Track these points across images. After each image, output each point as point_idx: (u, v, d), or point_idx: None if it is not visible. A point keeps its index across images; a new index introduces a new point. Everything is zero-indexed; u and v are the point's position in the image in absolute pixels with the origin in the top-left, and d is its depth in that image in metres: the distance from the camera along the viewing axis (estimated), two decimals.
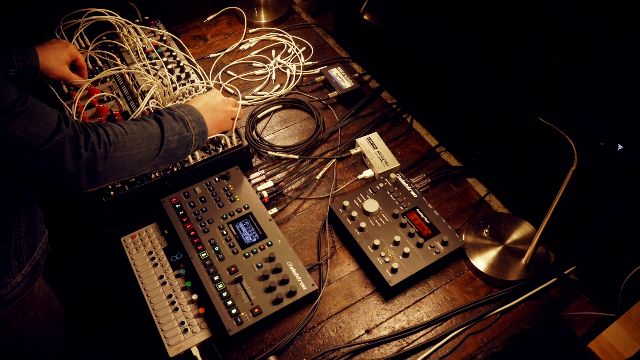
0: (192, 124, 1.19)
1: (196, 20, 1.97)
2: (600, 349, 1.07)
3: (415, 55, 1.88)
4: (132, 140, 1.06)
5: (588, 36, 1.20)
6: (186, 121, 1.18)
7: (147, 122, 1.12)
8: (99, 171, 1.00)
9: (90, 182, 1.00)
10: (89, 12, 1.60)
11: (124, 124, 1.08)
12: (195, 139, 1.20)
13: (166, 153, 1.13)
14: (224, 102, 1.33)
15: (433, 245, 1.26)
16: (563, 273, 1.25)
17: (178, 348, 1.12)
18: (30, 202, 1.14)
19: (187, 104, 1.25)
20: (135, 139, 1.07)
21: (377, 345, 1.16)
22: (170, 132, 1.13)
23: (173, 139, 1.14)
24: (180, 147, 1.17)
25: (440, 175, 1.47)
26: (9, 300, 1.12)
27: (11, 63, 1.27)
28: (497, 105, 1.60)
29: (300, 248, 1.33)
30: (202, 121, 1.22)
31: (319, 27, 1.97)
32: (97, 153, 0.98)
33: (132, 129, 1.08)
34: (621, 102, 0.88)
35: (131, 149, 1.06)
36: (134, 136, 1.07)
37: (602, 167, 0.98)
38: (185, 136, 1.17)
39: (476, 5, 1.48)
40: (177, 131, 1.15)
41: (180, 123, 1.16)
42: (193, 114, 1.21)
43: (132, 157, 1.06)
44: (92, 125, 1.02)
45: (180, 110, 1.20)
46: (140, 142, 1.08)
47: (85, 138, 0.97)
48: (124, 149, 1.04)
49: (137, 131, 1.08)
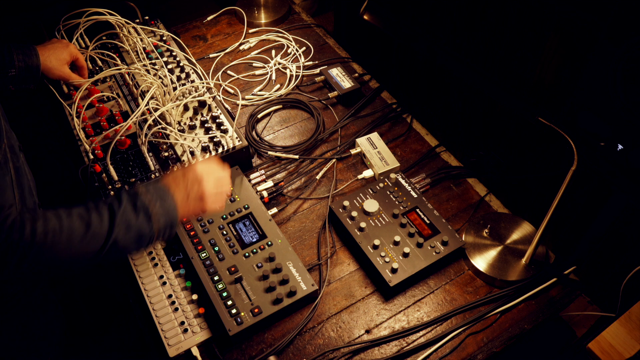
0: (156, 216, 0.98)
1: (196, 20, 1.97)
2: (600, 349, 1.07)
3: (415, 55, 1.88)
4: (66, 241, 0.89)
5: (588, 36, 1.20)
6: (150, 213, 0.97)
7: (96, 217, 0.93)
8: (5, 271, 0.86)
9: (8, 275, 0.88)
10: (89, 12, 1.61)
11: (65, 218, 0.90)
12: (157, 234, 0.99)
13: (113, 249, 0.94)
14: (209, 182, 1.08)
15: (433, 245, 1.26)
16: (563, 273, 1.25)
17: (178, 348, 1.12)
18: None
19: (163, 187, 1.02)
20: (72, 238, 0.89)
21: (377, 345, 1.16)
22: (123, 228, 0.94)
23: (126, 236, 0.94)
24: (135, 242, 0.97)
25: (440, 175, 1.47)
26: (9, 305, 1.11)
27: (12, 63, 1.27)
28: (497, 105, 1.60)
29: (300, 248, 1.33)
30: (171, 210, 1.00)
31: (319, 27, 1.97)
32: (10, 255, 0.84)
33: (70, 226, 0.90)
34: (621, 102, 0.89)
35: (61, 251, 0.89)
36: (70, 235, 0.89)
37: (602, 167, 0.98)
38: (144, 232, 0.97)
39: (476, 5, 1.48)
40: (134, 226, 0.95)
41: (141, 216, 0.96)
42: (164, 201, 1.00)
43: (62, 259, 0.91)
44: (22, 223, 0.86)
45: (148, 196, 0.99)
46: (76, 243, 0.90)
47: (7, 235, 0.84)
48: (51, 252, 0.88)
49: (76, 229, 0.90)
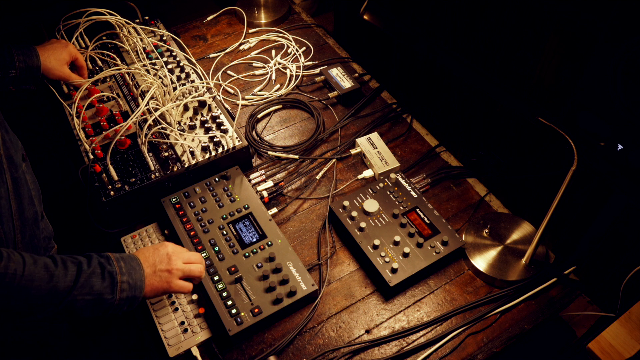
0: (122, 285, 0.97)
1: (196, 20, 1.97)
2: (600, 349, 1.07)
3: (415, 55, 1.88)
4: (24, 288, 0.85)
5: (588, 36, 1.20)
6: (115, 281, 0.96)
7: (61, 270, 0.91)
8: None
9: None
10: (89, 12, 1.60)
11: (30, 265, 0.87)
12: (117, 304, 0.97)
13: (66, 310, 0.91)
14: (177, 262, 1.09)
15: (433, 245, 1.26)
16: (563, 273, 1.25)
17: (178, 348, 1.12)
18: (30, 226, 1.09)
19: (135, 257, 1.04)
20: (29, 287, 0.86)
21: (377, 345, 1.16)
22: (84, 291, 0.92)
23: (84, 299, 0.92)
24: (90, 308, 0.94)
25: (440, 175, 1.47)
26: None
27: (12, 63, 1.27)
28: (497, 105, 1.60)
29: (300, 248, 1.33)
30: (138, 285, 1.01)
31: (319, 27, 1.97)
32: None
33: (32, 274, 0.86)
34: (621, 102, 0.89)
35: (12, 296, 0.85)
36: (28, 283, 0.86)
37: (602, 167, 0.98)
38: (104, 300, 0.95)
39: (476, 5, 1.48)
40: (95, 291, 0.93)
41: (107, 282, 0.95)
42: (133, 274, 1.00)
43: (8, 305, 0.86)
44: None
45: (119, 266, 0.98)
46: (33, 292, 0.86)
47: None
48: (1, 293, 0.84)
49: (38, 279, 0.87)
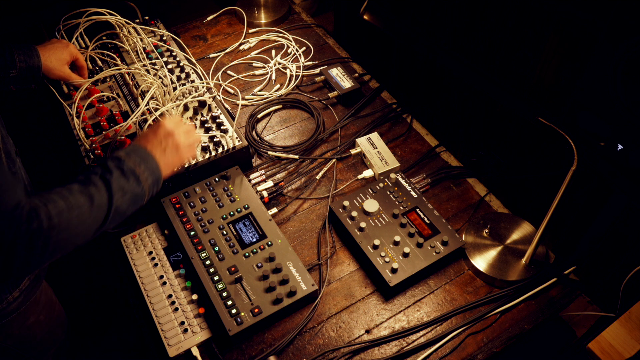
0: (144, 175, 1.05)
1: (196, 20, 1.97)
2: (600, 349, 1.07)
3: (415, 55, 1.88)
4: (77, 217, 0.93)
5: (588, 36, 1.20)
6: (137, 175, 1.04)
7: (94, 189, 0.98)
8: (32, 260, 0.89)
9: (23, 269, 0.91)
10: (89, 12, 1.60)
11: (69, 196, 0.94)
12: (148, 192, 1.07)
13: (116, 215, 1.01)
14: (180, 135, 1.18)
15: (433, 245, 1.26)
16: (563, 273, 1.25)
17: (178, 348, 1.12)
18: None
19: (140, 147, 1.11)
20: (81, 213, 0.94)
21: (377, 345, 1.16)
22: (120, 194, 1.00)
23: (123, 200, 1.01)
24: (132, 205, 1.05)
25: (440, 175, 1.47)
26: (8, 313, 1.12)
27: (13, 63, 1.26)
28: (497, 105, 1.60)
29: (300, 248, 1.33)
30: (155, 168, 1.09)
31: (319, 27, 1.97)
32: (35, 243, 0.87)
33: (76, 202, 0.93)
34: (621, 102, 0.89)
35: (75, 227, 0.93)
36: (79, 211, 0.93)
37: (602, 167, 0.98)
38: (137, 193, 1.05)
39: (476, 5, 1.48)
40: (128, 190, 1.02)
41: (131, 179, 1.03)
42: (147, 161, 1.08)
43: (76, 235, 0.94)
44: (35, 211, 0.88)
45: (132, 159, 1.06)
46: (86, 218, 0.95)
47: (28, 226, 0.86)
48: (67, 230, 0.91)
49: (83, 204, 0.94)
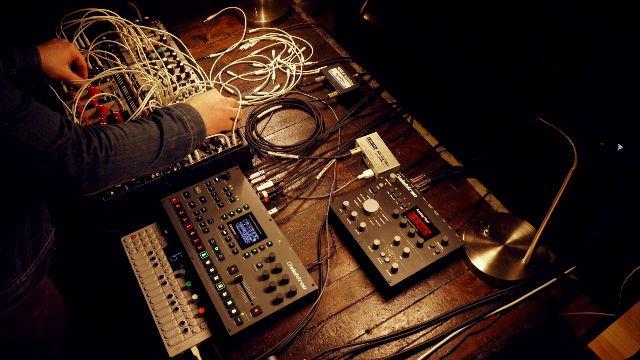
0: (190, 123, 1.19)
1: (196, 20, 1.97)
2: (600, 349, 1.07)
3: (415, 55, 1.88)
4: (133, 143, 1.06)
5: (588, 36, 1.20)
6: (184, 121, 1.18)
7: (146, 124, 1.12)
8: (100, 175, 1.00)
9: (92, 185, 1.00)
10: (89, 12, 1.60)
11: (124, 127, 1.08)
12: (194, 138, 1.20)
13: (166, 154, 1.14)
14: (223, 102, 1.34)
15: (433, 245, 1.26)
16: (563, 273, 1.25)
17: (178, 348, 1.12)
18: (35, 202, 1.14)
19: (185, 104, 1.25)
20: (136, 141, 1.07)
21: (377, 345, 1.16)
22: (169, 133, 1.14)
23: (172, 139, 1.14)
24: (180, 148, 1.17)
25: (440, 175, 1.47)
26: (14, 300, 1.12)
27: (13, 62, 1.26)
28: (497, 105, 1.60)
29: (300, 248, 1.33)
30: (200, 120, 1.23)
31: (319, 27, 1.97)
32: (98, 157, 0.99)
33: (132, 132, 1.08)
34: (621, 102, 0.89)
35: (132, 152, 1.06)
36: (134, 139, 1.07)
37: (602, 167, 0.98)
38: (184, 136, 1.17)
39: (476, 5, 1.48)
40: (176, 132, 1.15)
41: (179, 123, 1.17)
42: (191, 113, 1.21)
43: (133, 160, 1.06)
44: (94, 129, 1.02)
45: (179, 110, 1.20)
46: (140, 145, 1.08)
47: (88, 142, 0.98)
48: (125, 152, 1.04)
49: (138, 133, 1.08)
